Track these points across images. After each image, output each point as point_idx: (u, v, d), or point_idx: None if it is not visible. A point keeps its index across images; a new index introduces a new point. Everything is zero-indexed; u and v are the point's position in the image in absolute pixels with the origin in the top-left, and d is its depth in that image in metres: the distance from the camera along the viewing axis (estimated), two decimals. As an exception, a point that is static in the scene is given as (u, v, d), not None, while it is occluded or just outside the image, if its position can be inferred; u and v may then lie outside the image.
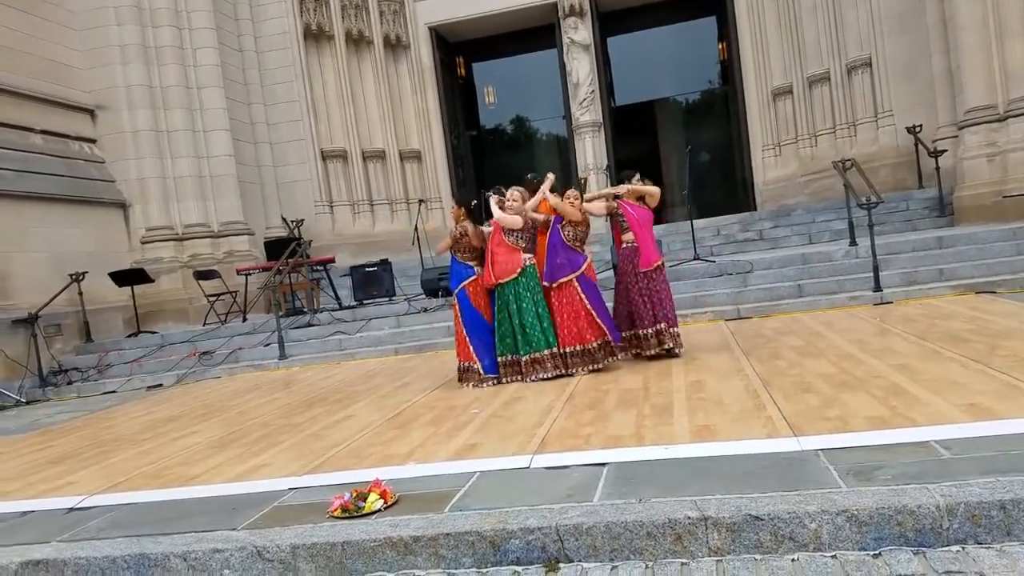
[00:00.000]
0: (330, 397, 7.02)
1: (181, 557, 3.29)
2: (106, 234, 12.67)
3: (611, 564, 2.88)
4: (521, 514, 3.13)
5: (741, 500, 2.95)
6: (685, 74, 19.18)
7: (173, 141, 13.36)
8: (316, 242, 14.46)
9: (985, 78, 11.03)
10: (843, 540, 2.74)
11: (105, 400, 9.28)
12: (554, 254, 6.58)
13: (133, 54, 13.01)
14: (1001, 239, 9.12)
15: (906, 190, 12.95)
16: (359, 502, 3.46)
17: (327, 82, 16.03)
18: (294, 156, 15.63)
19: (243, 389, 8.48)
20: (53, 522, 4.03)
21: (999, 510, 2.67)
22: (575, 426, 4.58)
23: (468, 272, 6.57)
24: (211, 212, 13.71)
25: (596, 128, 16.13)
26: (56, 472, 5.29)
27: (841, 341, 6.36)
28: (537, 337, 6.35)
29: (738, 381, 5.28)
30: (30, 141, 11.71)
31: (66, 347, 11.31)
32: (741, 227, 13.61)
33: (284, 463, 4.62)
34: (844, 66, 13.87)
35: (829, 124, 14.33)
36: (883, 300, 8.38)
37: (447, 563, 3.05)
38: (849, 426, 3.80)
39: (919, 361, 5.15)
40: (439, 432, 4.93)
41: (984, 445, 3.27)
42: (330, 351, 10.07)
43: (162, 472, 4.84)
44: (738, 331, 7.74)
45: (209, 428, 6.24)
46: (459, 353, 6.63)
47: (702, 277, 10.00)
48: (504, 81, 19.49)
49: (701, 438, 3.95)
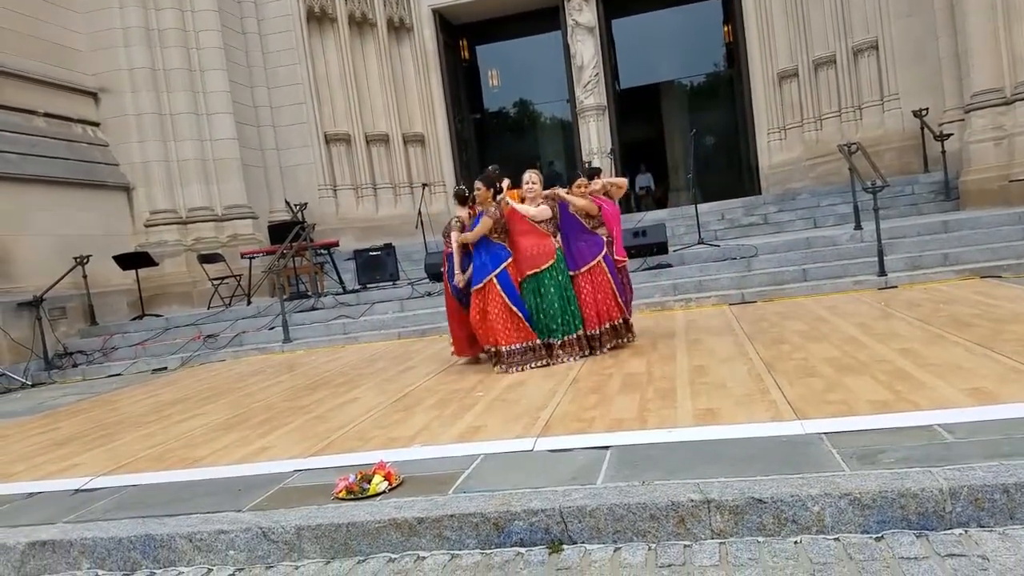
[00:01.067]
0: (334, 380, 7.04)
1: (187, 538, 3.31)
2: (110, 217, 12.68)
3: (614, 546, 2.89)
4: (525, 496, 3.14)
5: (744, 483, 2.96)
6: (690, 57, 19.07)
7: (176, 124, 13.34)
8: (320, 226, 14.47)
9: (992, 61, 10.95)
10: (846, 523, 2.75)
11: (110, 383, 9.32)
12: (574, 239, 6.57)
13: (136, 37, 12.96)
14: (1007, 223, 9.08)
15: (912, 174, 12.89)
16: (364, 484, 3.48)
17: (330, 65, 15.97)
18: (297, 139, 15.59)
19: (247, 372, 8.51)
20: (59, 503, 4.06)
21: (1002, 494, 2.67)
22: (579, 409, 4.58)
23: (505, 253, 6.34)
24: (215, 196, 13.71)
25: (600, 111, 16.05)
26: (62, 454, 5.32)
27: (845, 325, 6.35)
28: (569, 320, 6.36)
29: (741, 365, 5.28)
30: (33, 124, 11.70)
31: (71, 330, 11.35)
32: (745, 211, 13.56)
33: (289, 445, 4.64)
34: (850, 49, 13.77)
35: (835, 107, 14.24)
36: (888, 284, 8.36)
37: (451, 544, 3.06)
38: (853, 410, 3.80)
39: (923, 345, 5.15)
40: (443, 415, 4.94)
41: (988, 429, 3.27)
42: (334, 335, 10.09)
43: (167, 454, 4.86)
44: (742, 315, 7.73)
45: (214, 411, 6.26)
46: (486, 338, 6.41)
47: (706, 261, 9.98)
48: (508, 64, 19.40)
49: (704, 421, 3.95)
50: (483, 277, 6.33)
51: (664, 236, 10.67)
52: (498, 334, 6.27)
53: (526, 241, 6.37)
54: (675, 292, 9.29)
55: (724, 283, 9.30)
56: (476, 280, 6.38)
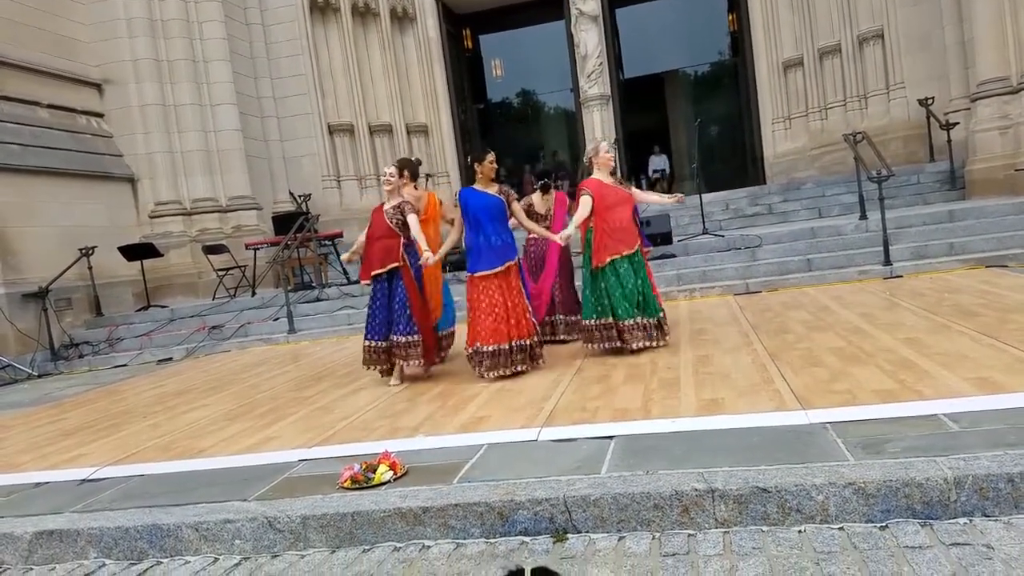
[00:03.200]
0: (339, 371, 7.05)
1: (193, 527, 3.33)
2: (115, 209, 12.70)
3: (618, 535, 2.90)
4: (529, 485, 3.15)
5: (748, 472, 2.96)
6: (694, 46, 19.00)
7: (180, 115, 13.34)
8: (324, 217, 14.47)
9: (999, 49, 10.87)
10: (850, 512, 2.75)
11: (116, 373, 9.35)
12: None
13: (140, 27, 12.95)
14: (1012, 213, 9.04)
15: (917, 163, 12.83)
16: (369, 473, 3.49)
17: (333, 55, 15.93)
18: (301, 130, 15.56)
19: (252, 363, 8.53)
20: (66, 493, 4.09)
21: (1007, 483, 2.67)
22: (583, 400, 4.59)
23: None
24: (219, 187, 13.72)
25: (604, 101, 15.98)
26: (68, 444, 5.34)
27: (850, 315, 6.34)
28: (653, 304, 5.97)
29: (746, 355, 5.27)
30: (37, 115, 11.70)
31: (76, 321, 11.38)
32: (750, 201, 13.52)
33: (293, 435, 4.65)
34: (856, 37, 13.69)
35: (840, 97, 14.17)
36: (893, 274, 8.34)
37: (456, 533, 3.07)
38: (857, 399, 3.80)
39: (928, 335, 5.13)
40: (447, 405, 4.95)
41: (993, 418, 3.27)
42: (339, 325, 10.11)
43: (173, 444, 4.88)
44: (747, 305, 7.72)
45: (219, 401, 6.28)
46: (495, 335, 5.64)
47: (711, 252, 9.96)
48: (511, 54, 19.36)
49: (708, 411, 3.95)
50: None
51: (668, 226, 10.64)
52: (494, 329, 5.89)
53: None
54: (679, 283, 9.27)
55: (729, 273, 9.28)
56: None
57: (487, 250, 5.68)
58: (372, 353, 6.04)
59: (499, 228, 5.71)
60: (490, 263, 5.66)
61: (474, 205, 5.70)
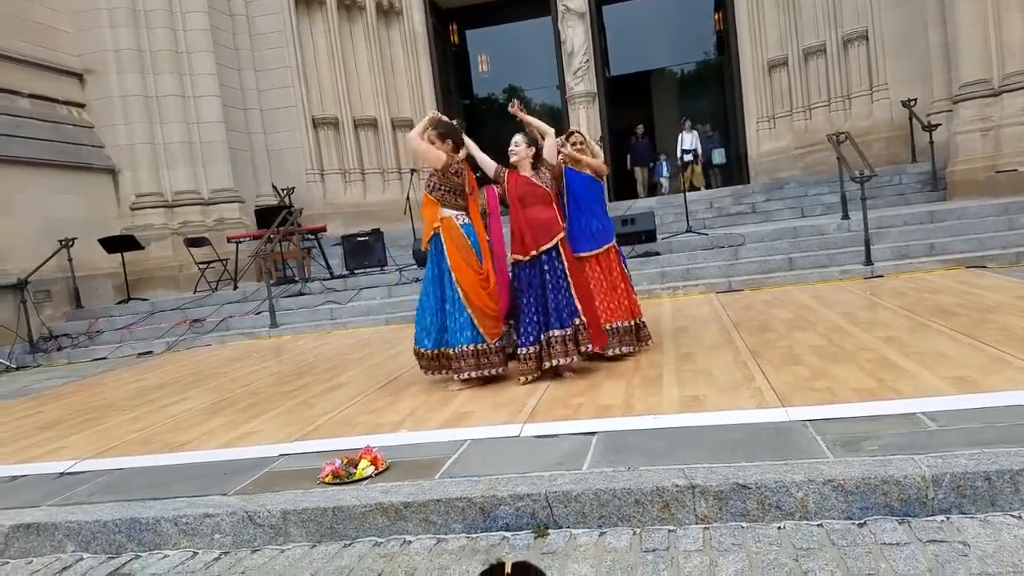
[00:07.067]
0: (321, 365, 7.02)
1: (172, 521, 3.30)
2: (95, 200, 12.56)
3: (599, 530, 2.91)
4: (511, 481, 3.15)
5: (728, 469, 2.98)
6: (680, 44, 19.07)
7: (163, 106, 13.21)
8: (307, 211, 14.38)
9: (981, 52, 10.98)
10: (829, 509, 2.77)
11: (95, 366, 9.27)
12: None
13: (122, 17, 12.80)
14: (993, 214, 9.14)
15: (900, 164, 12.96)
16: (350, 468, 3.48)
17: (318, 48, 15.84)
18: (285, 123, 15.47)
19: (234, 357, 8.48)
20: (44, 486, 4.04)
21: (984, 481, 2.70)
22: (565, 396, 4.59)
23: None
24: (201, 179, 13.60)
25: (590, 98, 16.02)
26: (47, 437, 5.29)
27: (831, 314, 6.39)
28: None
29: (727, 353, 5.30)
30: (17, 105, 11.55)
31: (56, 313, 11.26)
32: (734, 200, 13.60)
33: (275, 430, 4.63)
34: (840, 38, 13.79)
35: (824, 97, 14.28)
36: (874, 274, 8.41)
37: (437, 529, 3.07)
38: (837, 397, 3.83)
39: (908, 334, 5.18)
40: (430, 400, 4.94)
41: (970, 417, 3.30)
42: (321, 320, 10.06)
43: (152, 438, 4.84)
44: (729, 303, 7.76)
45: (200, 395, 6.24)
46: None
47: (694, 250, 10.00)
48: (497, 49, 19.33)
49: (690, 408, 3.97)
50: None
51: (653, 224, 10.68)
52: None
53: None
54: (663, 280, 9.30)
55: (712, 271, 9.33)
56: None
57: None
58: (527, 361, 5.04)
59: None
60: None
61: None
